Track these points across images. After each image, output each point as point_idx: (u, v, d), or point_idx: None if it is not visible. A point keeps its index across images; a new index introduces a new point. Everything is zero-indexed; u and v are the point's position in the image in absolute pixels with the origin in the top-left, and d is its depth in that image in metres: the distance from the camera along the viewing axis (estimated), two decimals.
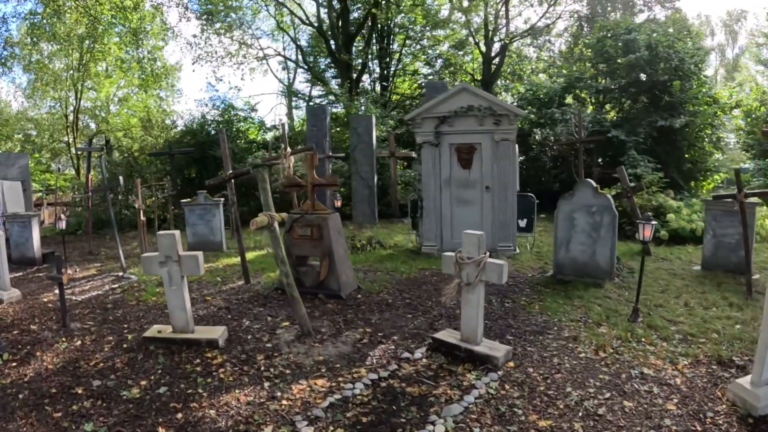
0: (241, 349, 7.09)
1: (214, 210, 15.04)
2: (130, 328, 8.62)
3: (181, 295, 7.18)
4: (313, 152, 10.36)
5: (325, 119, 20.92)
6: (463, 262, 6.34)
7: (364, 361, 6.53)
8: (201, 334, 7.39)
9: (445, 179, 12.14)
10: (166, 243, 7.01)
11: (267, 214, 7.60)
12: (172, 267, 7.03)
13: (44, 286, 12.09)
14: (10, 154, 21.20)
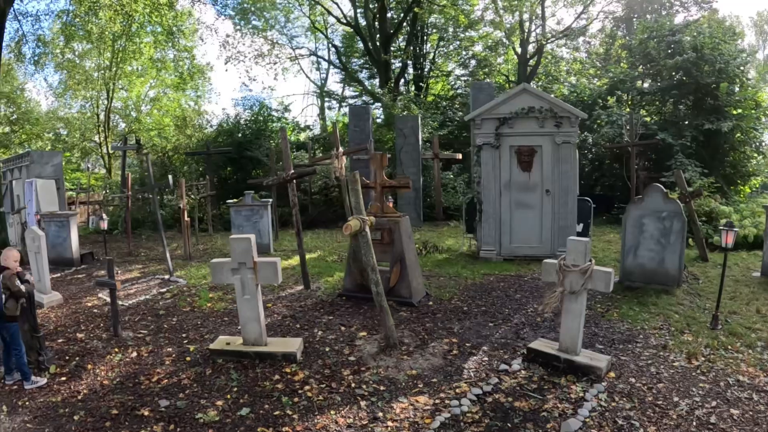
0: (323, 363, 6.44)
1: (261, 211, 14.20)
2: (190, 339, 7.75)
3: (255, 305, 6.53)
4: (383, 153, 9.59)
5: (368, 119, 20.18)
6: (567, 269, 5.94)
7: (460, 374, 6.02)
8: (276, 346, 6.71)
9: (505, 182, 11.68)
10: (239, 248, 6.38)
11: (359, 217, 6.85)
12: (245, 275, 6.42)
13: (85, 288, 11.22)
14: (43, 153, 20.56)
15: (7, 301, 6.17)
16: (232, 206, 14.35)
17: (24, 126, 33.65)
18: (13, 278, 6.30)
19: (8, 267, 6.36)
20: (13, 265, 6.40)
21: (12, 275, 6.31)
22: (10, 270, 6.33)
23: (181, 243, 15.20)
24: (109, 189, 24.17)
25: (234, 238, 6.46)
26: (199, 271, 12.25)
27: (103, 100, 32.61)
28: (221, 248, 15.48)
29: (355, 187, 7.00)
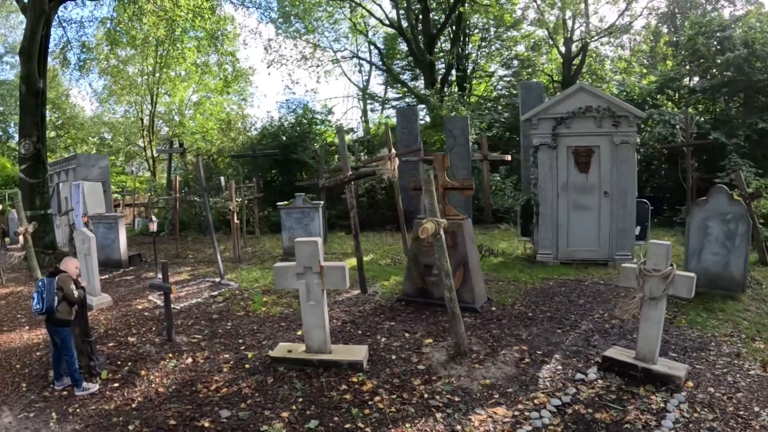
0: (390, 372, 6.03)
1: (312, 213, 13.78)
2: (247, 345, 7.32)
3: (320, 311, 6.18)
4: (445, 154, 9.13)
5: (416, 121, 19.69)
6: (648, 274, 5.63)
7: (536, 384, 5.68)
8: (341, 354, 6.32)
9: (562, 184, 11.31)
10: (305, 252, 6.08)
11: (434, 220, 6.33)
12: (311, 279, 6.11)
13: (135, 290, 10.92)
14: (90, 156, 20.65)
15: (59, 304, 5.91)
16: (282, 208, 13.94)
17: (69, 131, 34.07)
18: (68, 281, 6.03)
19: (66, 270, 6.12)
20: (72, 270, 6.17)
21: (67, 278, 6.05)
22: (66, 273, 6.08)
23: (229, 245, 14.92)
24: (154, 191, 24.12)
25: (300, 241, 6.14)
26: (249, 273, 11.89)
27: (147, 104, 32.82)
28: (270, 251, 15.17)
29: (430, 188, 6.50)
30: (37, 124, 14.50)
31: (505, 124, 23.91)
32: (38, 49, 14.26)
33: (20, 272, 13.39)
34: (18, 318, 9.40)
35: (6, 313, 9.75)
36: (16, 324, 9.05)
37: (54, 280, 5.92)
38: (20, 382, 6.44)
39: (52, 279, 5.93)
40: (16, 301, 10.58)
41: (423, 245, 8.45)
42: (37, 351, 7.54)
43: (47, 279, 5.94)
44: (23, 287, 11.75)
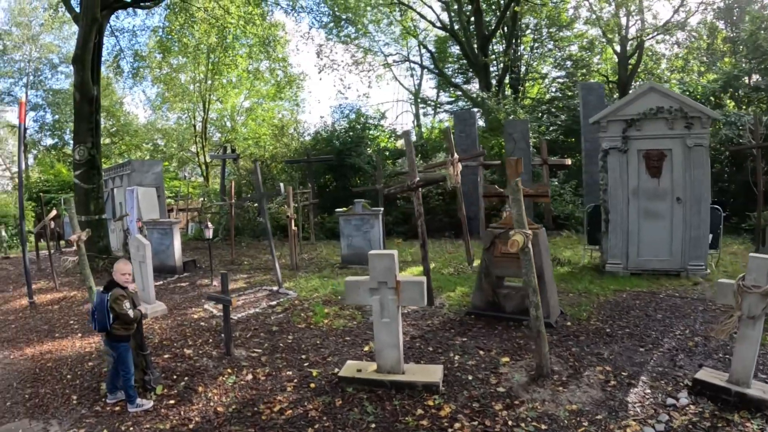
0: (469, 395, 5.45)
1: (372, 220, 13.18)
2: (311, 361, 6.71)
3: (395, 330, 5.69)
4: (518, 159, 8.51)
5: (474, 124, 19.11)
6: (747, 291, 5.10)
7: (625, 409, 5.11)
8: (415, 375, 5.74)
9: (633, 189, 10.69)
10: (381, 266, 5.60)
11: (522, 232, 5.70)
12: (386, 295, 5.63)
13: (190, 298, 10.49)
14: (144, 162, 20.58)
15: (115, 321, 5.52)
16: (341, 215, 13.41)
17: (123, 137, 34.42)
18: (120, 301, 5.51)
19: (119, 283, 5.64)
20: (122, 279, 5.69)
21: (119, 298, 5.53)
22: (118, 290, 5.59)
23: (284, 252, 14.46)
24: (207, 197, 23.95)
25: (374, 254, 5.64)
26: (308, 282, 11.35)
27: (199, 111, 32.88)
28: (327, 258, 14.65)
29: (518, 197, 5.87)
30: (92, 130, 14.35)
31: (562, 127, 23.06)
32: (91, 57, 14.14)
33: (74, 276, 13.18)
34: (71, 324, 9.05)
35: (59, 319, 9.43)
36: (69, 331, 8.69)
37: (106, 297, 5.51)
38: (71, 394, 6.07)
39: (105, 296, 5.52)
40: (69, 307, 10.29)
41: (495, 256, 7.92)
42: (89, 361, 7.14)
43: (99, 295, 5.58)
44: (77, 292, 11.48)
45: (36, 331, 8.76)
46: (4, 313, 10.23)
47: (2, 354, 7.75)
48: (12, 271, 15.06)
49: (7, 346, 8.13)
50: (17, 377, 6.77)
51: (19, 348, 7.97)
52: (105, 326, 5.47)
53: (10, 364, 7.31)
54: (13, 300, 11.29)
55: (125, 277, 5.70)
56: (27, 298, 10.65)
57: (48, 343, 8.07)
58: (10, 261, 17.66)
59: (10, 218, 21.06)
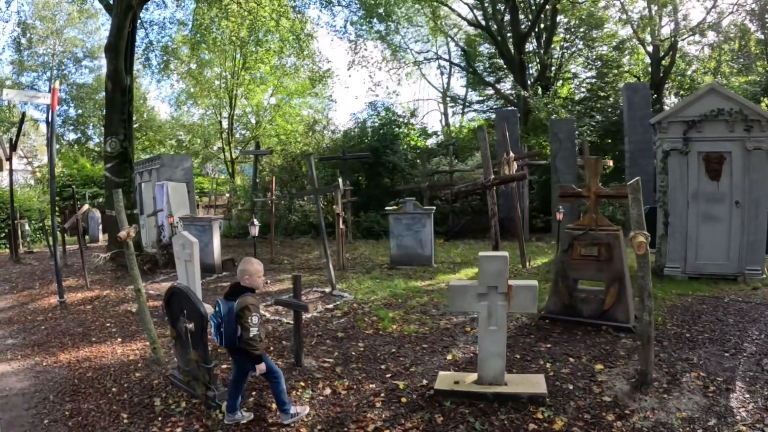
0: (576, 406, 4.92)
1: (424, 219, 12.21)
2: (393, 372, 5.79)
3: (501, 338, 5.09)
4: (598, 158, 8.28)
5: (516, 123, 18.53)
6: None
7: (733, 415, 4.74)
8: (517, 386, 5.16)
9: (692, 192, 10.40)
10: (492, 269, 4.98)
11: (643, 233, 5.09)
12: (495, 301, 5.02)
13: None
14: (174, 156, 19.68)
15: (243, 332, 4.51)
16: (391, 214, 12.47)
17: (147, 133, 33.62)
18: (247, 313, 4.49)
19: (248, 287, 4.71)
20: (257, 283, 4.80)
21: (247, 308, 4.49)
22: (249, 297, 4.59)
23: (321, 252, 13.47)
24: (235, 193, 22.99)
25: (485, 255, 5.04)
26: (361, 284, 10.41)
27: (225, 107, 31.93)
28: (371, 258, 13.69)
29: (638, 196, 5.23)
30: (124, 121, 13.43)
31: (598, 128, 22.17)
32: (125, 46, 13.28)
33: (105, 273, 12.23)
34: (107, 327, 8.05)
35: (93, 321, 8.44)
36: (107, 335, 7.69)
37: (233, 306, 4.54)
38: (119, 411, 5.14)
39: (232, 305, 4.55)
40: (104, 307, 9.29)
41: (572, 258, 7.48)
42: (135, 371, 6.17)
43: (224, 304, 4.59)
44: (109, 290, 10.50)
45: (69, 335, 7.77)
46: (32, 312, 9.24)
47: (33, 360, 6.78)
48: (37, 267, 14.09)
49: (38, 350, 7.15)
50: (53, 389, 5.81)
51: (52, 353, 6.99)
52: (233, 342, 4.55)
53: (43, 372, 6.33)
54: (41, 298, 10.30)
55: (259, 280, 4.83)
56: (56, 297, 9.69)
57: (85, 349, 7.08)
58: (34, 255, 16.69)
59: (33, 212, 20.16)
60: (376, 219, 18.22)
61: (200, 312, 5.00)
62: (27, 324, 8.47)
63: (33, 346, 7.33)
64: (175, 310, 5.44)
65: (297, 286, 6.09)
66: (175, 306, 5.42)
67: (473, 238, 16.97)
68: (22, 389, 5.86)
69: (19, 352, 7.12)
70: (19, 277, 12.66)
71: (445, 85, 35.48)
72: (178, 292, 5.33)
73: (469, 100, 33.53)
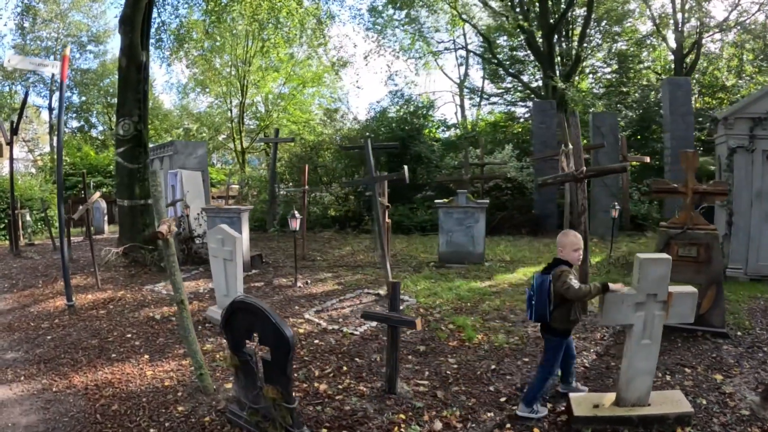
0: (720, 423, 4.27)
1: (477, 214, 10.87)
2: (506, 394, 4.83)
3: (654, 353, 4.31)
4: (695, 152, 7.59)
5: (554, 115, 17.39)
6: None
7: None
8: (661, 406, 4.40)
9: (756, 191, 9.96)
10: (654, 274, 4.11)
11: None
12: (652, 311, 4.19)
13: (277, 304, 8.04)
14: (188, 143, 18.18)
15: (556, 310, 4.21)
16: (441, 207, 11.12)
17: (153, 121, 31.98)
18: (564, 275, 4.11)
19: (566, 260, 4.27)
20: (571, 257, 4.30)
21: (564, 272, 4.14)
22: (564, 266, 4.23)
23: (353, 247, 12.18)
24: (247, 184, 21.39)
25: (646, 258, 4.16)
26: (416, 284, 9.03)
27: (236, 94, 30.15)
28: (410, 254, 12.35)
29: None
30: (139, 101, 11.86)
31: (633, 124, 20.95)
32: (141, 18, 11.76)
33: (117, 270, 10.65)
34: (129, 339, 6.52)
35: (110, 330, 6.90)
36: (129, 349, 6.17)
37: (546, 279, 4.19)
38: None
39: (545, 277, 4.20)
40: (120, 312, 7.74)
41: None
42: (176, 403, 4.72)
43: (539, 277, 4.26)
44: (124, 291, 8.95)
45: (83, 348, 6.24)
46: (36, 317, 7.64)
47: (40, 383, 5.26)
48: (39, 262, 12.44)
49: (45, 369, 5.62)
50: (69, 427, 4.34)
51: (62, 374, 5.48)
52: (544, 315, 4.20)
53: (54, 401, 4.84)
54: (45, 300, 8.66)
55: (577, 253, 4.32)
56: (63, 299, 8.16)
57: (104, 369, 5.57)
58: (36, 248, 15.04)
59: (35, 201, 18.54)
60: (405, 212, 16.83)
61: (284, 335, 3.56)
62: (30, 332, 6.92)
63: (39, 363, 5.80)
64: (239, 330, 3.98)
65: (396, 294, 4.71)
66: (240, 326, 3.95)
67: (509, 234, 15.59)
68: (28, 426, 4.39)
69: (23, 371, 5.59)
70: (20, 272, 11.05)
71: (461, 77, 33.84)
72: (246, 307, 3.85)
73: (487, 92, 31.96)
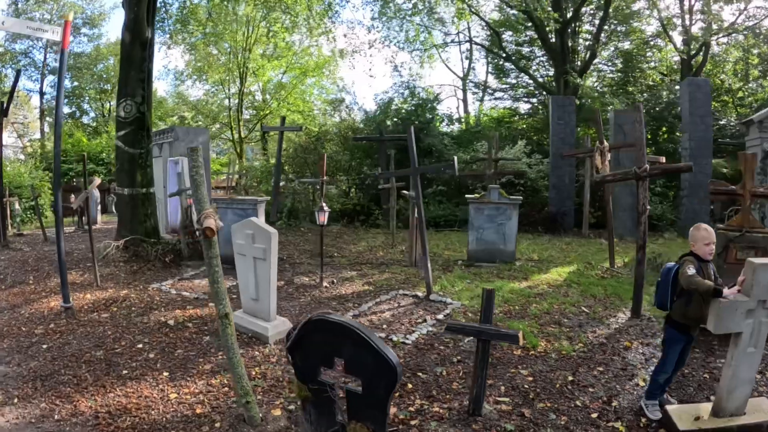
0: None
1: (510, 211, 10.08)
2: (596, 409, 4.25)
3: (757, 361, 3.95)
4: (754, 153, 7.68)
5: (573, 111, 16.76)
6: None
7: None
8: (754, 414, 4.04)
9: None
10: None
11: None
12: (760, 318, 3.78)
13: (305, 306, 7.06)
14: (189, 129, 17.03)
15: (678, 299, 4.05)
16: (472, 203, 10.28)
17: None
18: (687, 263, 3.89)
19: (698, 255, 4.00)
20: (702, 251, 3.99)
21: (686, 261, 3.94)
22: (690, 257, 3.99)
23: (368, 243, 11.30)
24: (247, 176, 20.24)
25: (761, 263, 3.69)
26: (453, 285, 8.17)
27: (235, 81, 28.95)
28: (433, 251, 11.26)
29: None
30: (143, 81, 10.78)
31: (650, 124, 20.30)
32: None
33: (116, 265, 9.49)
34: (142, 351, 5.46)
35: (117, 338, 5.83)
36: (144, 364, 5.12)
37: (672, 267, 4.07)
38: None
39: (673, 265, 4.08)
40: (126, 316, 6.65)
41: (728, 262, 6.56)
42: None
43: (669, 264, 4.16)
44: (127, 290, 7.85)
45: (87, 361, 5.18)
46: (28, 321, 6.52)
47: (38, 408, 4.24)
48: (29, 254, 11.23)
49: (42, 389, 4.57)
50: None
51: (64, 395, 4.45)
52: (665, 302, 4.12)
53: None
54: (38, 299, 7.52)
55: (709, 248, 4.02)
56: (59, 299, 7.10)
57: (116, 390, 4.54)
58: (25, 239, 13.82)
59: (24, 189, 17.31)
60: None
61: (388, 363, 2.69)
62: (22, 340, 5.84)
63: (35, 380, 4.75)
64: (314, 355, 3.04)
65: (489, 305, 3.92)
66: (317, 349, 2.99)
67: (526, 231, 14.72)
68: None
69: (16, 390, 4.55)
70: (8, 266, 9.87)
71: (464, 71, 32.73)
72: (329, 327, 2.90)
73: (492, 87, 30.96)
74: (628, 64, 28.14)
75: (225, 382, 4.65)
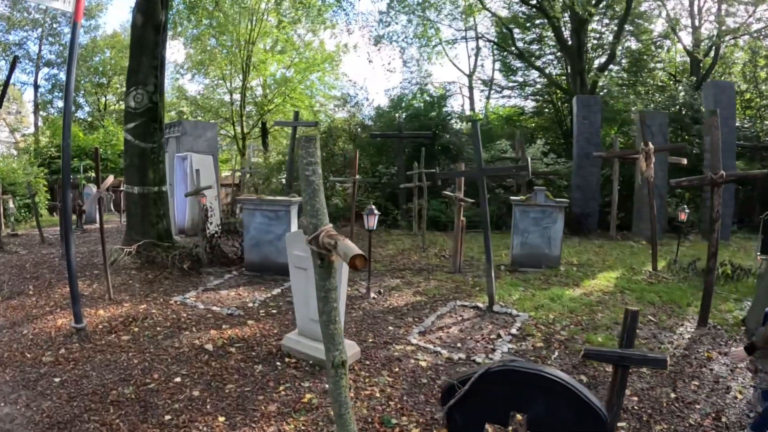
0: None
1: (556, 214, 9.26)
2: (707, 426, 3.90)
3: None
4: None
5: (599, 111, 16.10)
6: None
7: None
8: None
9: None
10: None
11: None
12: None
13: (364, 321, 6.03)
14: (197, 123, 16.03)
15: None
16: (517, 205, 9.48)
17: None
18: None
19: None
20: None
21: None
22: None
23: (396, 246, 10.74)
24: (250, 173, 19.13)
25: None
26: (510, 294, 7.29)
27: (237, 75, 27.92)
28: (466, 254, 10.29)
29: None
30: (156, 68, 9.68)
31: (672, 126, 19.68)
32: None
33: (128, 273, 8.36)
34: (183, 387, 4.41)
35: (148, 370, 4.75)
36: (190, 406, 4.09)
37: None
38: None
39: None
40: (153, 339, 5.54)
41: None
42: None
43: None
44: (146, 304, 6.74)
45: (114, 403, 4.12)
46: (32, 344, 5.39)
47: None
48: (26, 258, 10.01)
49: None
50: None
51: None
52: None
53: None
54: (42, 316, 6.32)
55: None
56: (65, 314, 6.08)
57: None
58: (20, 240, 12.59)
59: (19, 186, 16.13)
60: (440, 208, 14.99)
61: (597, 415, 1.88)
62: (28, 370, 4.75)
63: (51, 429, 3.69)
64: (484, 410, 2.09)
65: (634, 327, 3.01)
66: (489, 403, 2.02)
67: None
68: None
69: None
70: (4, 272, 8.66)
71: (471, 68, 31.72)
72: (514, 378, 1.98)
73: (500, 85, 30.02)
74: (638, 64, 27.52)
75: (301, 427, 3.64)
